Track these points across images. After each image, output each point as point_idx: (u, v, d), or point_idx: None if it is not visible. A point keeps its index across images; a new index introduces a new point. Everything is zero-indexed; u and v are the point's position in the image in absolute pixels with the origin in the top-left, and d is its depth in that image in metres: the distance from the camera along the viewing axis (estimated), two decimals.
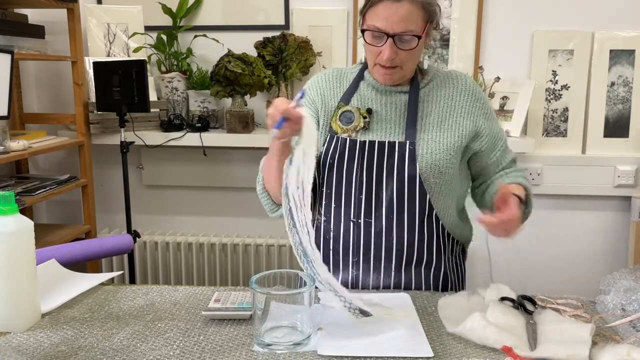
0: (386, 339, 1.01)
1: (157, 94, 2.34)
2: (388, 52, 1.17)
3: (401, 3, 1.14)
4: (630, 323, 1.05)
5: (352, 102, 1.30)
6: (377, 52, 1.19)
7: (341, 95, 1.32)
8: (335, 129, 1.28)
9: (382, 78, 1.24)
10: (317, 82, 1.36)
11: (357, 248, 1.27)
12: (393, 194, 1.23)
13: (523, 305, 1.10)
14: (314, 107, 1.33)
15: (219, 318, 1.08)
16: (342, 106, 1.28)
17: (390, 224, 1.25)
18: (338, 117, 1.28)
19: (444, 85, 1.29)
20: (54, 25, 2.29)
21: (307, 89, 1.35)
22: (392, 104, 1.27)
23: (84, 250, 1.41)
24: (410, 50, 1.18)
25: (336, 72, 1.37)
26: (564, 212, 2.37)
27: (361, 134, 1.26)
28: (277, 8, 2.31)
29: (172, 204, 2.51)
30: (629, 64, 2.25)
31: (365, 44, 1.22)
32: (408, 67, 1.23)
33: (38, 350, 0.97)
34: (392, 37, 1.15)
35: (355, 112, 1.26)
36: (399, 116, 1.27)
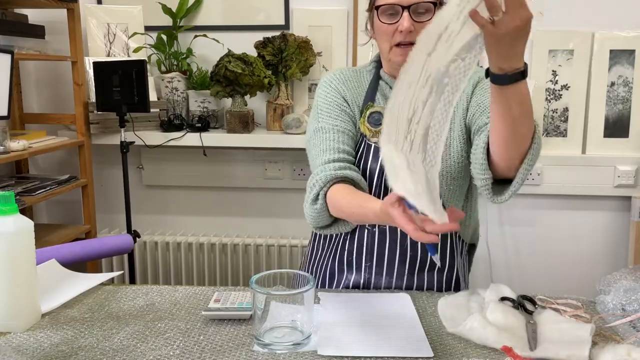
0: (386, 339, 1.01)
1: (157, 94, 2.34)
2: (406, 22, 1.13)
3: None
4: (630, 323, 1.05)
5: (377, 100, 1.26)
6: (393, 31, 1.15)
7: (364, 95, 1.28)
8: (363, 131, 1.24)
9: (401, 59, 1.16)
10: (338, 77, 1.30)
11: (370, 254, 1.26)
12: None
13: (523, 305, 1.10)
14: (344, 100, 1.27)
15: (219, 318, 1.08)
16: (370, 106, 1.24)
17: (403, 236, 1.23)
18: (367, 118, 1.24)
19: None
20: (54, 25, 2.29)
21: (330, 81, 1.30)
22: None
23: (84, 250, 1.41)
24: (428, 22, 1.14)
25: (351, 71, 1.33)
26: (564, 212, 2.37)
27: None
28: (277, 8, 2.31)
29: (172, 204, 2.51)
30: (629, 64, 2.25)
31: (379, 26, 1.17)
32: None
33: (38, 350, 0.97)
34: (407, 8, 1.13)
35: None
36: None
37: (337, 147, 1.20)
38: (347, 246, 1.28)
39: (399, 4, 1.13)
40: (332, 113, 1.25)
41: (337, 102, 1.26)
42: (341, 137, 1.22)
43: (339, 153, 1.20)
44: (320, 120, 1.25)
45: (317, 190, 1.16)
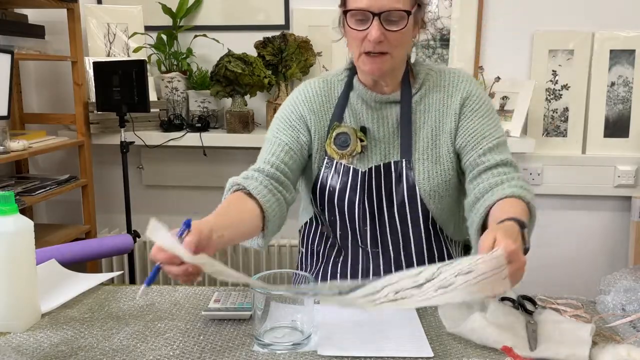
0: (386, 339, 1.01)
1: (157, 94, 2.34)
2: (375, 31, 1.05)
3: None
4: (631, 323, 1.05)
5: (344, 118, 1.20)
6: (362, 38, 1.08)
7: (332, 111, 1.21)
8: (330, 154, 1.18)
9: (369, 68, 1.11)
10: (304, 95, 1.24)
11: (368, 274, 1.23)
12: (397, 221, 1.17)
13: (523, 305, 1.10)
14: (304, 124, 1.22)
15: (219, 318, 1.08)
16: (337, 127, 1.18)
17: (397, 250, 1.20)
18: (333, 139, 1.18)
19: (436, 89, 1.19)
20: (54, 25, 2.29)
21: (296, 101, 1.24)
22: (384, 119, 1.19)
23: (84, 250, 1.41)
24: (400, 32, 1.07)
25: (322, 83, 1.25)
26: (564, 212, 2.37)
27: (357, 158, 1.17)
28: (277, 8, 2.31)
29: (172, 204, 2.51)
30: (629, 64, 2.25)
31: (348, 30, 1.11)
32: (398, 54, 1.12)
33: (38, 350, 0.97)
34: (378, 15, 1.05)
35: (352, 135, 1.17)
36: (392, 132, 1.18)
37: (269, 159, 1.17)
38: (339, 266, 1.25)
39: (369, 11, 1.06)
40: (282, 128, 1.22)
41: (291, 124, 1.21)
42: (277, 150, 1.18)
43: (266, 164, 1.16)
44: (270, 132, 1.24)
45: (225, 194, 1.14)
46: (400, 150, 1.16)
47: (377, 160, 1.17)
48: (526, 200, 1.04)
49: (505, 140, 1.17)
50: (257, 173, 1.14)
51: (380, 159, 1.17)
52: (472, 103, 1.16)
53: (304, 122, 1.21)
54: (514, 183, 1.08)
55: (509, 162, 1.14)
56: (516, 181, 1.09)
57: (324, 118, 1.21)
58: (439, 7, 2.27)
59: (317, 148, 1.21)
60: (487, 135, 1.14)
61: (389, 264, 1.20)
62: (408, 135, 1.15)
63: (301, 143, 1.20)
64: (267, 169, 1.15)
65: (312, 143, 1.21)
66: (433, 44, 2.30)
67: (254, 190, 1.09)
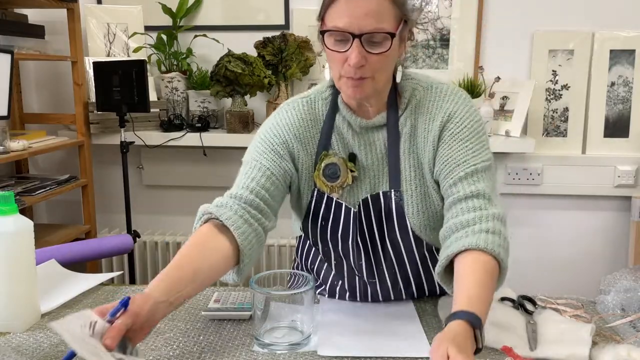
0: (386, 339, 1.01)
1: (157, 94, 2.34)
2: (355, 55, 0.95)
3: None
4: (631, 323, 1.05)
5: (332, 144, 1.10)
6: (343, 60, 0.98)
7: (318, 136, 1.11)
8: (319, 186, 1.09)
9: (351, 92, 1.01)
10: (289, 119, 1.11)
11: (366, 297, 1.20)
12: (391, 254, 1.12)
13: (523, 305, 1.10)
14: (288, 151, 1.10)
15: (219, 318, 1.08)
16: (325, 156, 1.08)
17: (394, 278, 1.16)
18: (322, 170, 1.08)
19: (421, 110, 1.07)
20: (54, 25, 2.29)
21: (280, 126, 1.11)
22: (371, 145, 1.09)
23: (84, 250, 1.41)
24: (383, 55, 0.97)
25: (305, 104, 1.13)
26: (564, 212, 2.37)
27: (347, 189, 1.10)
28: (277, 8, 2.31)
29: (172, 204, 2.51)
30: (629, 64, 2.25)
31: (327, 51, 1.01)
32: (381, 77, 1.01)
33: (37, 350, 0.97)
34: (359, 37, 0.95)
35: (342, 166, 1.08)
36: (380, 159, 1.09)
37: (248, 184, 1.05)
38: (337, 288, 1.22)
39: (348, 32, 0.95)
40: (263, 151, 1.09)
41: (274, 148, 1.09)
42: (258, 175, 1.06)
43: (245, 190, 1.04)
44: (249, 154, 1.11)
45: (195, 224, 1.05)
46: (389, 180, 1.08)
47: (365, 191, 1.10)
48: (492, 254, 0.91)
49: (487, 166, 1.03)
50: (232, 200, 1.03)
51: (369, 189, 1.10)
52: (452, 126, 1.04)
53: (287, 149, 1.10)
54: (483, 226, 0.94)
55: (483, 193, 0.99)
56: (485, 223, 0.95)
57: (311, 144, 1.11)
58: (439, 7, 2.27)
59: (305, 178, 1.12)
60: (461, 162, 1.01)
61: (387, 290, 1.18)
62: (396, 164, 1.07)
63: (284, 170, 1.08)
64: (245, 195, 1.03)
65: (298, 172, 1.12)
66: (433, 44, 2.30)
67: (227, 221, 0.99)
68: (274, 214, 1.09)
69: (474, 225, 0.95)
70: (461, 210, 0.99)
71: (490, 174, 1.03)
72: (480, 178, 1.01)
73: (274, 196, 1.07)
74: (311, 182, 1.12)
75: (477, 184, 1.00)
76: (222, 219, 0.99)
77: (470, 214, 0.97)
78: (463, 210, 0.98)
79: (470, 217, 0.97)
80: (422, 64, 2.32)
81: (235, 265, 1.01)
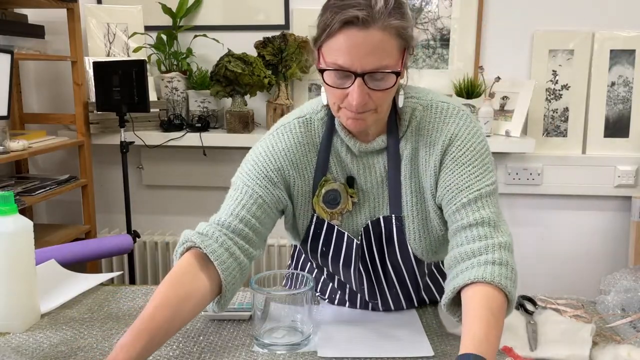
0: (386, 339, 1.01)
1: (157, 94, 2.34)
2: (358, 96, 0.90)
3: (369, 31, 0.86)
4: (631, 323, 1.05)
5: (330, 167, 1.05)
6: (342, 96, 0.92)
7: (316, 159, 1.06)
8: (319, 213, 1.05)
9: (352, 124, 0.96)
10: (284, 144, 1.05)
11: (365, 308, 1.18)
12: (393, 278, 1.10)
13: (523, 305, 1.10)
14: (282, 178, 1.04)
15: (219, 318, 1.08)
16: (326, 182, 1.04)
17: (397, 298, 1.14)
18: (322, 197, 1.04)
19: (422, 132, 1.03)
20: (54, 25, 2.29)
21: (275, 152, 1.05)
22: (371, 168, 1.05)
23: (84, 250, 1.41)
24: (386, 91, 0.93)
25: (301, 125, 1.06)
26: (564, 212, 2.37)
27: (347, 215, 1.06)
28: (277, 8, 2.31)
29: (172, 204, 2.51)
30: (629, 64, 2.25)
31: (324, 85, 0.95)
32: (383, 108, 0.96)
33: (37, 350, 0.97)
34: (361, 76, 0.89)
35: (342, 192, 1.04)
36: (379, 182, 1.05)
37: (237, 212, 1.00)
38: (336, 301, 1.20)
39: (350, 71, 0.89)
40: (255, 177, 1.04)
41: (267, 174, 1.03)
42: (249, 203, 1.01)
43: (234, 219, 1.00)
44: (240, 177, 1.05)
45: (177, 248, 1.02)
46: (389, 204, 1.05)
47: (365, 217, 1.07)
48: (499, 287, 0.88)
49: (492, 190, 0.99)
50: (218, 229, 0.99)
51: (369, 214, 1.07)
52: (454, 150, 1.00)
53: (282, 176, 1.04)
54: (489, 257, 0.91)
55: (488, 221, 0.95)
56: (492, 253, 0.91)
57: (307, 169, 1.06)
58: (439, 7, 2.27)
59: (301, 204, 1.07)
60: (464, 188, 0.97)
61: (388, 308, 1.16)
62: (396, 188, 1.04)
63: (277, 198, 1.03)
64: (234, 224, 0.99)
65: (293, 199, 1.07)
66: (433, 44, 2.30)
67: (212, 255, 0.95)
68: (263, 240, 1.05)
69: (479, 255, 0.91)
70: (466, 238, 0.95)
71: (494, 198, 0.99)
72: (485, 204, 0.97)
73: (264, 224, 1.03)
74: (308, 207, 1.07)
75: (482, 211, 0.96)
76: (206, 251, 0.95)
77: (476, 243, 0.93)
78: (468, 239, 0.94)
79: (476, 246, 0.93)
80: (422, 64, 2.31)
81: (217, 296, 0.98)
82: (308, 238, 1.08)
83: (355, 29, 0.87)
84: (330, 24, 0.88)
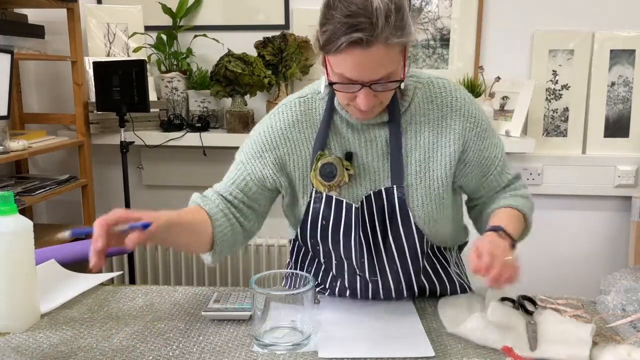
0: (386, 339, 1.01)
1: (157, 94, 2.34)
2: (366, 102, 0.97)
3: (372, 48, 0.91)
4: (631, 323, 1.05)
5: (329, 144, 1.11)
6: (352, 97, 1.00)
7: (315, 137, 1.11)
8: (316, 186, 1.10)
9: (360, 116, 1.04)
10: (283, 122, 1.12)
11: (366, 295, 1.19)
12: (394, 250, 1.11)
13: (523, 305, 1.10)
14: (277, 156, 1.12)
15: (219, 318, 1.08)
16: (321, 156, 1.09)
17: (396, 276, 1.15)
18: (318, 170, 1.09)
19: (427, 105, 1.10)
20: (54, 25, 2.29)
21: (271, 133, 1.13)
22: (372, 142, 1.10)
23: (84, 250, 1.41)
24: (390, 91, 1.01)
25: (302, 104, 1.13)
26: (564, 212, 2.37)
27: (345, 188, 1.10)
28: (277, 8, 2.31)
29: (172, 204, 2.49)
30: (629, 64, 2.25)
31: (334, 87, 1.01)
32: (387, 101, 1.05)
33: (37, 350, 0.97)
34: (368, 85, 0.96)
35: (338, 165, 1.08)
36: (380, 155, 1.10)
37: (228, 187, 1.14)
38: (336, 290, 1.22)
39: (358, 82, 0.96)
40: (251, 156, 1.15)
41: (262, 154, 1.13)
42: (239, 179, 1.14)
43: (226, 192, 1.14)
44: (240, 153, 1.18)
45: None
46: (391, 176, 1.08)
47: (366, 189, 1.10)
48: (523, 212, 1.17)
49: (504, 152, 1.19)
50: (216, 195, 1.13)
51: (370, 187, 1.10)
52: (474, 127, 1.10)
53: (277, 155, 1.12)
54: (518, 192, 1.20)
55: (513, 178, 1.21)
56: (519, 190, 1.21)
57: (305, 145, 1.12)
58: (439, 7, 2.27)
59: (300, 180, 1.13)
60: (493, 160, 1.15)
61: (388, 288, 1.17)
62: (398, 159, 1.08)
63: (270, 177, 1.12)
64: (226, 195, 1.14)
65: (290, 176, 1.13)
66: (433, 44, 2.30)
67: (209, 211, 1.10)
68: (257, 216, 1.17)
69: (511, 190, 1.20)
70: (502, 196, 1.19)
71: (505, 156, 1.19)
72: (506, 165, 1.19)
73: (255, 199, 1.15)
74: (307, 183, 1.12)
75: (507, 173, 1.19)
76: (205, 209, 1.10)
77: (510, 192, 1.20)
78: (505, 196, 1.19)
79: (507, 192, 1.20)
80: (422, 64, 2.31)
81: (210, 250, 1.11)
82: (308, 214, 1.12)
83: (360, 49, 0.91)
84: (336, 42, 0.92)
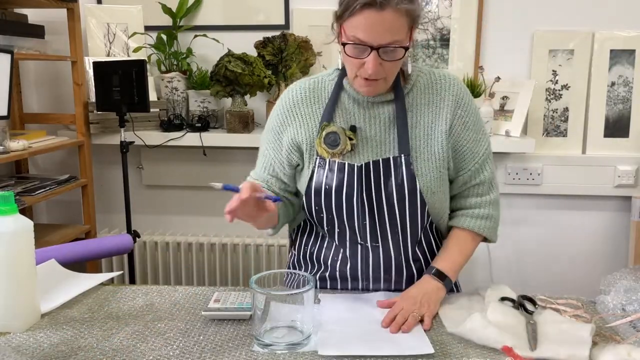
0: (386, 338, 1.01)
1: (157, 94, 2.34)
2: (372, 65, 1.07)
3: (385, 11, 1.03)
4: (631, 323, 1.05)
5: (334, 118, 1.21)
6: (359, 64, 1.10)
7: (322, 112, 1.22)
8: (321, 153, 1.19)
9: (365, 90, 1.15)
10: (291, 99, 1.25)
11: (366, 272, 1.24)
12: (396, 214, 1.18)
13: (523, 305, 1.10)
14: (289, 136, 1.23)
15: (219, 318, 1.08)
16: (326, 126, 1.19)
17: (397, 243, 1.21)
18: (322, 139, 1.18)
19: (427, 90, 1.21)
20: (54, 25, 2.29)
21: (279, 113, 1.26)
22: (376, 118, 1.20)
23: (84, 250, 1.41)
24: (396, 62, 1.10)
25: (311, 83, 1.25)
26: (564, 212, 2.37)
27: (348, 156, 1.18)
28: (277, 8, 2.31)
29: (172, 204, 2.51)
30: (629, 64, 2.25)
31: (344, 55, 1.12)
32: (392, 77, 1.15)
33: (37, 350, 0.97)
34: (376, 49, 1.06)
35: (341, 134, 1.17)
36: (385, 130, 1.19)
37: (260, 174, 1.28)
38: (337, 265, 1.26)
39: (368, 44, 1.06)
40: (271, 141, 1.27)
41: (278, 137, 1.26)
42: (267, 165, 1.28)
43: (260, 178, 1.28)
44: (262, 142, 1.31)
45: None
46: (398, 146, 1.17)
47: (371, 157, 1.19)
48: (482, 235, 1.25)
49: (489, 151, 1.25)
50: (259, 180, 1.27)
51: (375, 155, 1.19)
52: (462, 113, 1.20)
53: (290, 133, 1.24)
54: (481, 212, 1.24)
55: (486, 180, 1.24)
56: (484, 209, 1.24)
57: (313, 119, 1.22)
58: (439, 7, 2.27)
59: (307, 150, 1.22)
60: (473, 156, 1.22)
61: (388, 259, 1.22)
62: (405, 132, 1.18)
63: (286, 158, 1.24)
64: (261, 182, 1.27)
65: (299, 149, 1.23)
66: (433, 44, 2.30)
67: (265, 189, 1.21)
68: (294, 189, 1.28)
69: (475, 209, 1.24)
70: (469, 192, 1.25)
71: (491, 156, 1.25)
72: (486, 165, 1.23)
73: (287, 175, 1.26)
74: (314, 152, 1.21)
75: (484, 173, 1.23)
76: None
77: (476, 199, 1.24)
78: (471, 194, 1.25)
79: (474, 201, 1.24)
80: (422, 64, 2.31)
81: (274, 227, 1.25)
82: (312, 181, 1.20)
83: (373, 10, 1.03)
84: (353, 5, 1.05)
